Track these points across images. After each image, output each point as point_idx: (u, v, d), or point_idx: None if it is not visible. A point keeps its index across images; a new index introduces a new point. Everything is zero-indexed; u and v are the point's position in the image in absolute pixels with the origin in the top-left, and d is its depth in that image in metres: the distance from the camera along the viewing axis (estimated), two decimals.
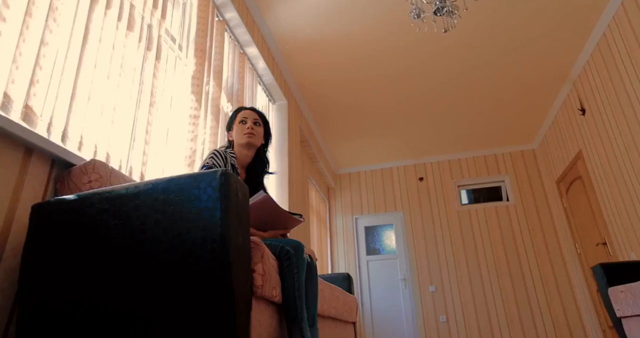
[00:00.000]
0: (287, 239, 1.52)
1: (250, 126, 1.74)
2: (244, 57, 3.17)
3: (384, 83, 4.29)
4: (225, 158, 1.66)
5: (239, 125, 1.77)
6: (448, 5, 2.50)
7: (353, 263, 5.99)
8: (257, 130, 1.76)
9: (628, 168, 3.46)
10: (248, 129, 1.73)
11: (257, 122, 1.79)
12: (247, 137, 1.73)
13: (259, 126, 1.79)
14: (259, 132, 1.78)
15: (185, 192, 1.23)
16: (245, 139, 1.73)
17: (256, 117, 1.80)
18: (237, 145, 1.77)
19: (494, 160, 5.96)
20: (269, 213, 1.57)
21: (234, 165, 1.71)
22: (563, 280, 5.17)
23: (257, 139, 1.76)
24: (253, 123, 1.76)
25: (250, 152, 1.77)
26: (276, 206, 1.56)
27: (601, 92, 3.73)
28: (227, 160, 1.67)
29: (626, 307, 2.11)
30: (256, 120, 1.79)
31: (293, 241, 1.49)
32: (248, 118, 1.77)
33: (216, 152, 1.66)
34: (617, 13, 3.27)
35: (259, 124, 1.80)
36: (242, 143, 1.74)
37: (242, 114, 1.80)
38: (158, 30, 1.91)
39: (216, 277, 1.16)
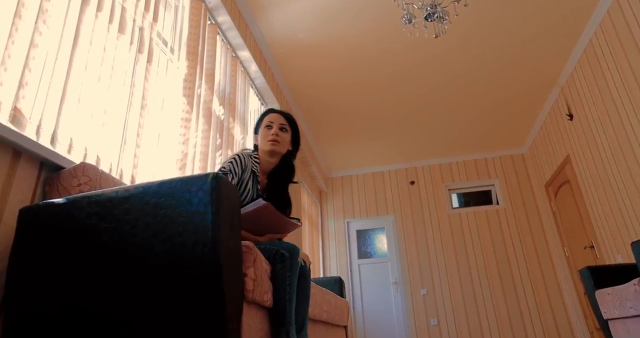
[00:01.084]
0: (282, 242, 1.51)
1: (275, 132, 1.63)
2: (236, 61, 3.17)
3: (376, 87, 4.31)
4: (245, 164, 1.58)
5: (264, 130, 1.67)
6: (439, 11, 2.54)
7: (345, 267, 5.99)
8: (283, 136, 1.65)
9: (614, 172, 3.52)
10: (272, 135, 1.63)
11: (283, 128, 1.67)
12: (270, 144, 1.62)
13: (285, 132, 1.67)
14: (285, 138, 1.66)
15: (176, 195, 1.22)
16: (269, 146, 1.63)
17: (283, 122, 1.68)
18: (261, 151, 1.68)
19: (484, 164, 6.02)
20: (267, 219, 1.54)
21: (255, 171, 1.63)
22: (552, 283, 5.23)
23: (281, 146, 1.65)
24: (279, 128, 1.65)
25: (273, 159, 1.67)
26: (275, 213, 1.52)
27: (588, 97, 3.80)
28: (246, 165, 1.58)
29: (612, 309, 2.14)
30: (283, 125, 1.67)
31: (288, 244, 1.48)
32: (274, 122, 1.66)
33: (236, 158, 1.57)
34: (602, 21, 3.34)
35: (286, 130, 1.68)
36: (265, 150, 1.65)
37: (269, 117, 1.69)
38: (150, 33, 1.91)
39: (207, 281, 1.15)
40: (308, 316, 1.62)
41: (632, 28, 2.98)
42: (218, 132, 2.79)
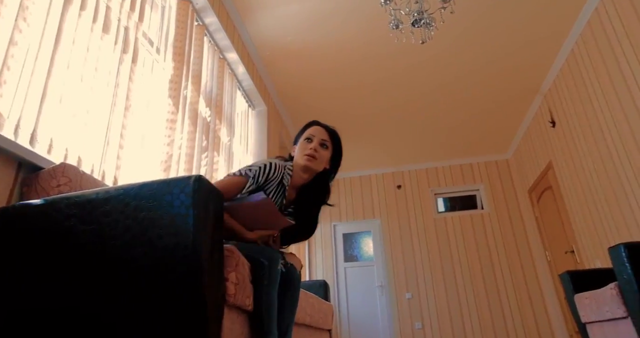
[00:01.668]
0: (264, 248, 1.47)
1: (314, 147, 1.50)
2: (224, 62, 3.16)
3: (364, 92, 4.34)
4: (274, 174, 1.47)
5: (303, 142, 1.54)
6: (425, 18, 2.57)
7: (331, 270, 5.98)
8: (322, 153, 1.52)
9: (594, 179, 3.60)
10: (311, 149, 1.50)
11: (324, 144, 1.54)
12: (305, 159, 1.49)
13: (325, 149, 1.54)
14: (323, 156, 1.53)
15: (158, 197, 1.21)
16: (304, 161, 1.49)
17: (326, 137, 1.55)
18: (295, 164, 1.54)
19: (470, 169, 6.10)
20: (264, 215, 1.46)
21: (285, 184, 1.52)
22: (534, 287, 5.31)
23: (317, 163, 1.51)
24: (319, 143, 1.52)
25: (306, 175, 1.53)
26: (274, 211, 1.44)
27: (570, 105, 3.88)
28: (274, 176, 1.47)
29: (590, 313, 2.19)
30: (324, 141, 1.54)
31: (269, 251, 1.43)
32: (315, 136, 1.53)
33: (267, 166, 1.45)
34: (583, 31, 3.42)
35: (327, 147, 1.54)
36: (299, 164, 1.52)
37: (312, 130, 1.56)
38: (135, 33, 1.89)
39: (187, 284, 1.14)
40: (293, 323, 1.61)
41: (610, 40, 3.06)
42: (204, 134, 2.77)
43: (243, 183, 1.43)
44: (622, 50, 2.95)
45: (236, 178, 1.44)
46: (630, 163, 3.03)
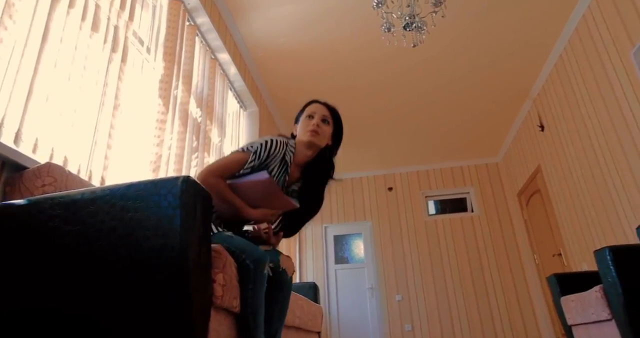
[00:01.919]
0: (254, 249, 1.42)
1: (317, 123, 1.53)
2: (215, 63, 3.15)
3: (355, 94, 4.35)
4: (276, 150, 1.47)
5: (305, 120, 1.57)
6: (417, 21, 2.59)
7: (321, 272, 5.98)
8: (324, 129, 1.55)
9: (581, 183, 3.65)
10: (313, 125, 1.53)
11: (325, 120, 1.57)
12: (309, 135, 1.52)
13: (326, 124, 1.57)
14: (325, 131, 1.56)
15: (145, 198, 1.20)
16: (307, 137, 1.52)
17: (326, 113, 1.59)
18: (298, 141, 1.57)
19: (460, 172, 6.14)
20: (266, 194, 1.46)
21: (288, 161, 1.52)
22: (522, 289, 5.35)
23: (320, 139, 1.54)
24: (321, 120, 1.56)
25: (310, 152, 1.55)
26: (276, 190, 1.44)
27: (558, 110, 3.94)
28: (276, 152, 1.48)
29: (576, 315, 2.21)
30: (325, 117, 1.58)
31: (257, 253, 1.40)
32: (317, 113, 1.57)
33: (268, 142, 1.46)
34: (571, 38, 3.47)
35: (328, 123, 1.58)
36: (303, 141, 1.54)
37: (312, 107, 1.60)
38: (125, 32, 1.87)
39: (173, 286, 1.13)
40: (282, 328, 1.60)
41: (597, 47, 3.11)
42: (194, 134, 2.75)
43: (244, 159, 1.44)
44: (608, 57, 3.00)
45: (238, 155, 1.46)
46: (617, 168, 3.08)
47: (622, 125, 2.95)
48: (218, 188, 1.42)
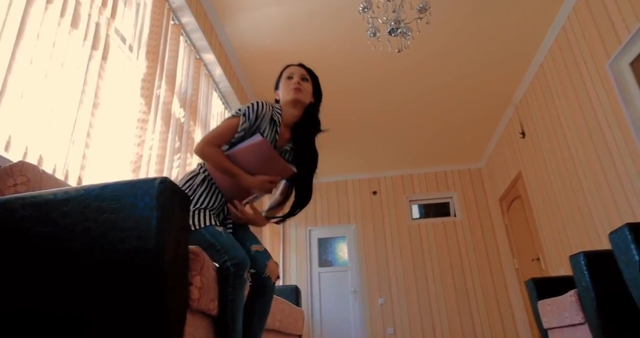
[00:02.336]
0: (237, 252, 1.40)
1: (297, 81, 1.61)
2: (200, 63, 3.12)
3: (341, 98, 4.37)
4: (263, 111, 1.51)
5: (285, 81, 1.64)
6: (402, 27, 2.62)
7: (305, 275, 5.96)
8: (305, 86, 1.62)
9: (559, 190, 3.73)
10: (294, 84, 1.60)
11: (304, 78, 1.65)
12: (293, 93, 1.58)
13: (306, 82, 1.65)
14: (307, 88, 1.63)
15: (121, 199, 1.18)
16: (292, 95, 1.59)
17: (304, 72, 1.66)
18: (283, 103, 1.62)
19: (444, 177, 6.21)
20: (262, 158, 1.48)
21: (277, 120, 1.56)
22: (502, 293, 5.43)
23: (304, 95, 1.61)
24: (300, 78, 1.63)
25: (296, 111, 1.61)
26: (272, 153, 1.47)
27: (538, 117, 4.02)
28: (264, 113, 1.51)
29: (552, 319, 2.25)
30: (304, 75, 1.65)
31: (240, 257, 1.39)
32: (295, 73, 1.64)
33: (254, 104, 1.50)
34: (551, 47, 3.56)
35: (307, 80, 1.65)
36: (288, 100, 1.60)
37: (289, 70, 1.67)
38: (106, 30, 1.84)
39: (148, 290, 1.11)
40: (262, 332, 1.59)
41: (576, 57, 3.19)
42: (177, 135, 2.72)
43: (236, 123, 1.48)
44: (586, 67, 3.08)
45: (229, 120, 1.49)
46: (593, 176, 3.16)
47: (598, 134, 3.03)
48: (215, 157, 1.45)
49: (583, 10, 3.01)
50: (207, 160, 1.48)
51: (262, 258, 1.57)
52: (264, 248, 1.62)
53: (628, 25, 2.54)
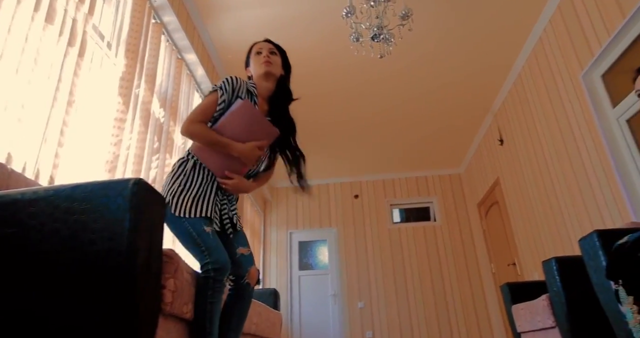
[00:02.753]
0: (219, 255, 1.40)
1: (266, 55, 1.67)
2: (182, 63, 3.09)
3: (326, 101, 4.38)
4: (238, 84, 1.59)
5: (255, 57, 1.70)
6: (385, 33, 2.64)
7: (285, 278, 5.93)
8: (274, 59, 1.69)
9: (535, 197, 3.82)
10: (264, 57, 1.66)
11: (273, 52, 1.71)
12: (264, 66, 1.65)
13: (275, 55, 1.71)
14: (276, 61, 1.70)
15: (92, 200, 1.15)
16: (263, 68, 1.65)
17: (271, 46, 1.73)
18: (256, 77, 1.69)
19: (425, 182, 6.29)
20: (248, 121, 1.53)
21: (253, 92, 1.64)
22: (479, 298, 5.52)
23: (275, 67, 1.68)
24: (269, 52, 1.69)
25: (270, 84, 1.69)
26: (256, 112, 1.54)
27: (516, 125, 4.12)
28: (239, 86, 1.59)
29: (525, 323, 2.30)
30: (272, 49, 1.71)
31: (221, 262, 1.39)
32: (263, 48, 1.71)
33: (228, 78, 1.58)
34: (528, 58, 3.65)
35: (276, 54, 1.72)
36: (260, 73, 1.66)
37: (257, 46, 1.73)
38: (84, 26, 1.80)
39: (119, 293, 1.09)
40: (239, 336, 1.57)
41: (552, 68, 3.29)
42: (156, 135, 2.68)
43: (215, 97, 1.54)
44: (561, 78, 3.17)
45: (208, 97, 1.56)
46: (566, 184, 3.25)
47: (571, 142, 3.13)
48: (203, 132, 1.50)
49: (559, 23, 3.10)
50: (194, 137, 1.52)
51: (246, 263, 1.58)
52: (249, 251, 1.62)
53: (600, 39, 2.63)
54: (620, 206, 2.58)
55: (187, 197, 1.45)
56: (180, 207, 1.43)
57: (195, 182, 1.50)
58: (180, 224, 1.42)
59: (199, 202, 1.47)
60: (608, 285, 1.34)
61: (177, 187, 1.46)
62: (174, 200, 1.44)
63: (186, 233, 1.41)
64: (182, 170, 1.51)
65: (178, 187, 1.46)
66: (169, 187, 1.48)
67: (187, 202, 1.45)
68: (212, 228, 1.45)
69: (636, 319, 1.13)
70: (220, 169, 1.55)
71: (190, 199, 1.46)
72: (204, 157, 1.53)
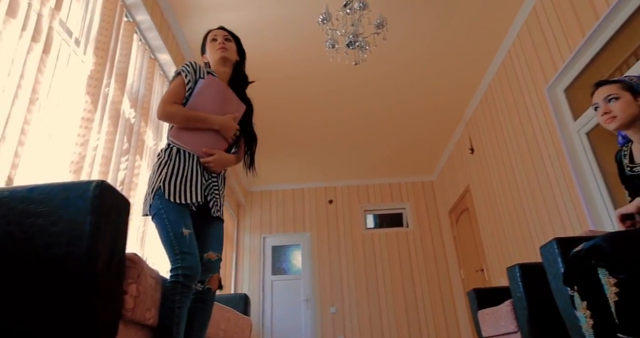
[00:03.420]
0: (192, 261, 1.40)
1: (221, 41, 1.74)
2: (155, 63, 3.03)
3: (300, 106, 4.39)
4: (197, 65, 1.66)
5: (211, 44, 1.77)
6: (360, 41, 2.68)
7: (257, 283, 5.87)
8: (229, 45, 1.76)
9: (502, 204, 3.94)
10: (219, 44, 1.73)
11: (227, 39, 1.78)
12: (220, 52, 1.72)
13: (230, 42, 1.78)
14: (231, 47, 1.77)
15: (51, 202, 1.11)
16: (219, 54, 1.72)
17: (225, 33, 1.79)
18: (213, 64, 1.76)
19: (398, 188, 6.38)
20: (218, 95, 1.63)
21: (212, 74, 1.71)
22: (449, 303, 5.62)
23: (230, 53, 1.75)
24: (224, 39, 1.76)
25: (227, 68, 1.76)
26: (223, 85, 1.66)
27: (486, 135, 4.24)
28: (199, 68, 1.66)
29: (490, 328, 2.36)
30: (226, 36, 1.78)
31: (193, 268, 1.40)
32: (218, 35, 1.77)
33: (188, 63, 1.64)
34: (498, 70, 3.78)
35: (230, 40, 1.79)
36: (216, 59, 1.73)
37: (212, 33, 1.79)
38: (49, 21, 1.74)
39: (77, 299, 1.05)
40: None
41: (519, 80, 3.42)
42: (126, 136, 2.61)
43: (181, 80, 1.61)
44: (527, 90, 3.30)
45: (173, 81, 1.61)
46: (531, 192, 3.37)
47: (536, 153, 3.25)
48: (179, 111, 1.55)
49: (526, 38, 3.23)
50: (172, 117, 1.55)
51: (211, 269, 1.59)
52: (218, 257, 1.62)
53: (563, 55, 2.75)
54: (579, 215, 2.70)
55: (177, 182, 1.49)
56: (173, 193, 1.47)
57: (182, 166, 1.52)
58: (161, 221, 1.44)
59: (187, 187, 1.50)
60: (565, 291, 1.39)
61: (165, 173, 1.49)
62: (165, 185, 1.47)
63: (165, 232, 1.43)
64: (168, 156, 1.54)
65: (167, 173, 1.49)
66: (157, 174, 1.51)
67: (177, 186, 1.48)
68: (190, 231, 1.45)
69: (589, 323, 1.18)
70: (200, 148, 1.58)
71: (180, 184, 1.49)
72: (183, 140, 1.56)
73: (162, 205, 1.45)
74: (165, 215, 1.43)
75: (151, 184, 1.51)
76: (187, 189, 1.49)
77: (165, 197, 1.45)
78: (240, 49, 1.84)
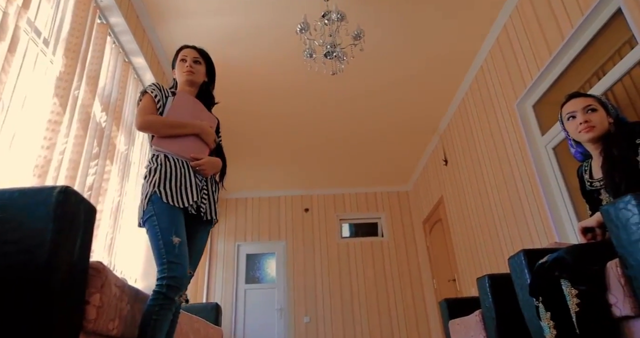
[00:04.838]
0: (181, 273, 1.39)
1: (190, 64, 1.77)
2: (129, 66, 2.96)
3: (279, 114, 4.38)
4: (160, 85, 1.72)
5: (179, 64, 1.80)
6: (337, 51, 2.71)
7: (230, 292, 5.76)
8: (197, 68, 1.78)
9: (474, 216, 4.03)
10: (187, 66, 1.76)
11: (197, 61, 1.79)
12: (186, 75, 1.76)
13: (199, 64, 1.80)
14: (199, 70, 1.79)
15: (8, 208, 1.06)
16: (185, 77, 1.76)
17: (196, 55, 1.81)
18: (179, 83, 1.80)
19: (374, 198, 6.43)
20: (191, 108, 1.70)
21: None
22: (421, 313, 5.67)
23: (197, 76, 1.78)
24: (193, 61, 1.78)
25: (193, 89, 1.79)
26: (193, 99, 1.74)
27: (459, 147, 4.35)
28: (163, 88, 1.72)
29: (460, 337, 2.39)
30: (196, 58, 1.80)
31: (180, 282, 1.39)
32: (188, 56, 1.79)
33: (153, 84, 1.70)
34: (472, 83, 3.90)
35: (200, 62, 1.80)
36: (182, 80, 1.78)
37: (183, 52, 1.82)
38: (16, 20, 1.68)
39: (35, 310, 1.00)
40: None
41: (491, 95, 3.53)
42: (96, 140, 2.53)
43: (151, 97, 1.65)
44: (499, 104, 3.41)
45: (144, 99, 1.65)
46: (501, 204, 3.46)
47: (507, 166, 3.35)
48: (159, 119, 1.59)
49: (497, 54, 3.35)
50: (152, 126, 1.57)
51: None
52: (191, 274, 1.59)
53: (531, 72, 2.87)
54: (546, 227, 2.78)
55: (172, 185, 1.50)
56: (171, 195, 1.47)
57: (174, 170, 1.54)
58: (152, 227, 1.43)
59: (184, 188, 1.52)
60: (531, 302, 1.43)
61: (158, 178, 1.49)
62: (161, 189, 1.47)
63: (155, 239, 1.42)
64: (158, 162, 1.54)
65: (160, 178, 1.50)
66: (150, 181, 1.50)
67: (174, 189, 1.49)
68: (181, 239, 1.44)
69: (552, 334, 1.22)
70: (186, 152, 1.60)
71: (176, 187, 1.50)
72: (168, 147, 1.58)
73: (155, 211, 1.44)
74: (157, 221, 1.43)
75: (144, 192, 1.51)
76: (183, 191, 1.51)
77: (164, 200, 1.45)
78: (210, 69, 1.86)
